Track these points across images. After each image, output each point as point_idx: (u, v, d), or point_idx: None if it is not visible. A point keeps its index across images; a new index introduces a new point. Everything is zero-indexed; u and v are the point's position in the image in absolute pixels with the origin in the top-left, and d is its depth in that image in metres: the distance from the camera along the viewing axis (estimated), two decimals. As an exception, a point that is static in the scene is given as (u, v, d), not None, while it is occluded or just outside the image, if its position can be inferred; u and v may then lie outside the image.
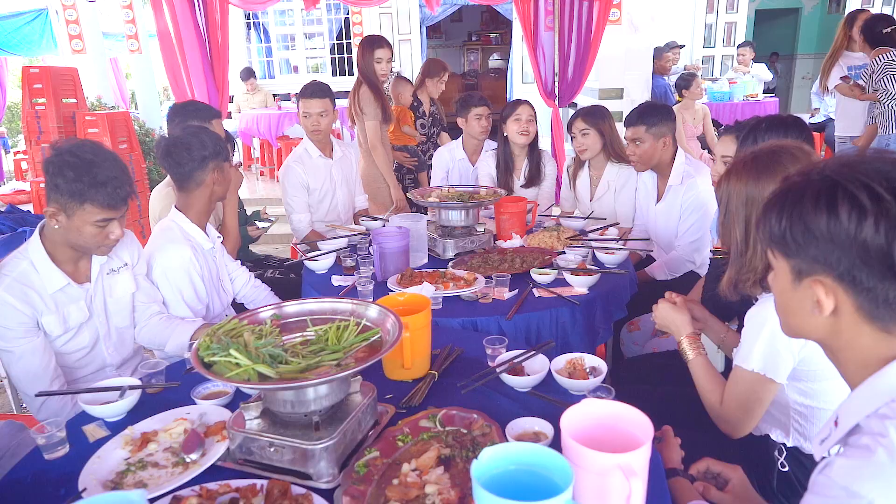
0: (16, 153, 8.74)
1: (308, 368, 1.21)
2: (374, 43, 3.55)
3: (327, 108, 3.15)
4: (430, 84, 4.47)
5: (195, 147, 2.15)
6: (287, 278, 2.97)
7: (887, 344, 0.85)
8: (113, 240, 1.79)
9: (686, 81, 5.78)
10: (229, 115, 8.03)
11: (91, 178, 1.67)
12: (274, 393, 1.21)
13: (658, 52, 6.85)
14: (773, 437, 1.52)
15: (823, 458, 0.85)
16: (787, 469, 1.49)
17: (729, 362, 1.86)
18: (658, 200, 2.92)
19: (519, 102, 3.25)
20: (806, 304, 0.89)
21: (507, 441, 1.24)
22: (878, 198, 0.79)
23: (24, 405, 2.05)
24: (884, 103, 4.18)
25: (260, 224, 3.24)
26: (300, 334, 1.36)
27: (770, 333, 1.33)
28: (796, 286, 0.89)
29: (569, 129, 3.18)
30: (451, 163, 3.57)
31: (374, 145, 3.56)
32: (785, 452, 1.49)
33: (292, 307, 1.39)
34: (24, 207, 4.64)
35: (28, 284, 1.73)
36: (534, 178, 3.34)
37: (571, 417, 1.07)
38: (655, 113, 2.80)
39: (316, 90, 3.13)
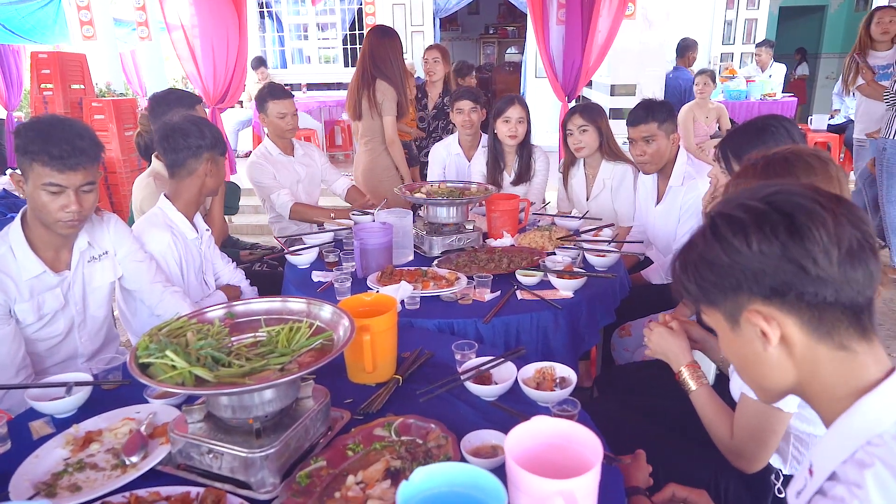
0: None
1: (252, 372, 1.15)
2: (396, 36, 3.55)
3: (294, 109, 3.23)
4: (427, 65, 4.38)
5: (193, 135, 2.14)
6: (275, 272, 2.92)
7: (850, 367, 0.78)
8: (70, 212, 1.66)
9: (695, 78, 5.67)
10: (240, 104, 8.04)
11: (44, 136, 1.61)
12: (215, 397, 1.16)
13: (686, 46, 6.65)
14: (770, 461, 1.43)
15: None
16: (783, 496, 1.40)
17: (720, 376, 1.78)
18: (658, 202, 2.83)
19: (510, 101, 3.10)
20: (757, 347, 0.82)
21: (461, 454, 1.18)
22: (751, 209, 0.79)
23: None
24: (891, 104, 3.99)
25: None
26: (252, 335, 1.30)
27: None
28: (738, 333, 0.84)
29: (564, 125, 3.08)
30: (447, 159, 3.49)
31: (392, 140, 3.57)
32: (782, 478, 1.41)
33: (241, 306, 1.33)
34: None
35: (4, 270, 1.70)
36: (523, 175, 3.24)
37: (518, 436, 1.00)
38: (662, 109, 2.67)
39: (285, 91, 3.22)
